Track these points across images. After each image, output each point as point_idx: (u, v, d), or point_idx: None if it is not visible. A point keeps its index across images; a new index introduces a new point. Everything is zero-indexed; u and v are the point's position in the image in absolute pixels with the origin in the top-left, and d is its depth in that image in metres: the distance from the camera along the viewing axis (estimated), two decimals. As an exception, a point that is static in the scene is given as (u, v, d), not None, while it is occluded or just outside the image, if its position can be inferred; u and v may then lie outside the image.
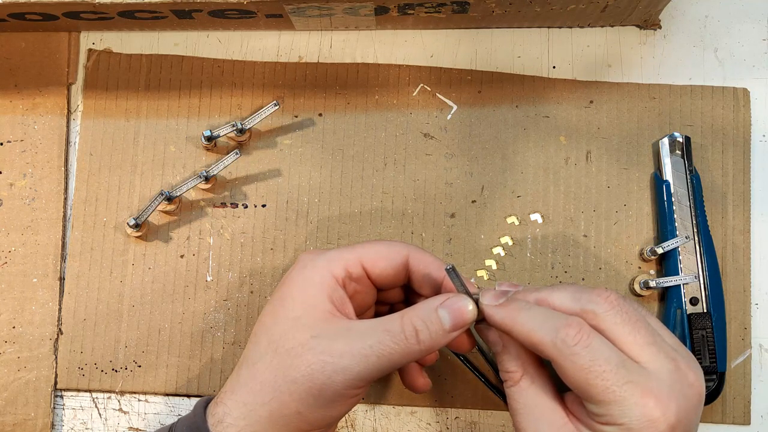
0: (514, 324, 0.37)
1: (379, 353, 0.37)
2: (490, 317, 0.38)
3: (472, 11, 0.49)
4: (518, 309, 0.37)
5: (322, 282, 0.40)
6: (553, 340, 0.35)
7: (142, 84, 0.52)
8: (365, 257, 0.41)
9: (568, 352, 0.35)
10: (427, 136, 0.52)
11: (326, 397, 0.37)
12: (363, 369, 0.37)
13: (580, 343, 0.35)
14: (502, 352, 0.39)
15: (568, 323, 0.35)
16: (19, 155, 0.51)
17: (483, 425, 0.49)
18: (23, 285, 0.50)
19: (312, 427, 0.39)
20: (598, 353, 0.35)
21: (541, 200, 0.51)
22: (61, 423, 0.50)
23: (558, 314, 0.37)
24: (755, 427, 0.49)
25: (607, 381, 0.34)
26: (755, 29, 0.53)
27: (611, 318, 0.36)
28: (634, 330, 0.36)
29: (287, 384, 0.38)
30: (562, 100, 0.52)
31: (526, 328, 0.37)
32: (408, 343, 0.37)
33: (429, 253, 0.42)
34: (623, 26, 0.53)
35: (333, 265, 0.40)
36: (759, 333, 0.50)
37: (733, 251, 0.50)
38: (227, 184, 0.51)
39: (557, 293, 0.38)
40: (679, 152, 0.50)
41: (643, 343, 0.36)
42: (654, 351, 0.36)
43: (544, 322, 0.36)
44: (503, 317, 0.38)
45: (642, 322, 0.37)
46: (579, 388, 0.35)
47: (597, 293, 0.37)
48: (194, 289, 0.50)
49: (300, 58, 0.53)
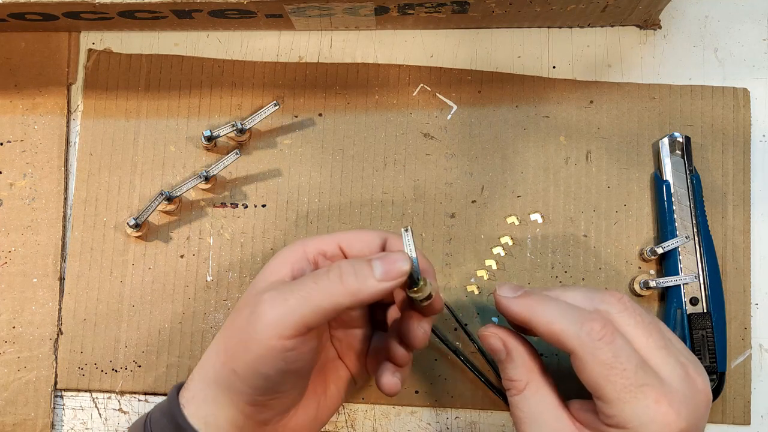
0: (534, 313, 0.37)
1: (300, 296, 0.36)
2: (507, 308, 0.38)
3: (472, 11, 0.49)
4: (538, 300, 0.37)
5: (290, 256, 0.40)
6: (577, 332, 0.35)
7: (142, 84, 0.52)
8: (342, 239, 0.41)
9: (591, 345, 0.35)
10: (427, 136, 0.52)
11: (253, 350, 0.36)
12: (283, 313, 0.35)
13: (605, 338, 0.35)
14: (506, 360, 0.39)
15: (592, 317, 0.36)
16: (19, 155, 0.51)
17: (483, 425, 0.49)
18: (23, 285, 0.50)
19: (251, 389, 0.37)
20: (621, 351, 0.35)
21: (541, 200, 0.51)
22: (61, 423, 0.50)
23: (580, 308, 0.37)
24: (755, 427, 0.49)
25: (626, 380, 0.34)
26: (755, 29, 0.53)
27: (625, 320, 0.37)
28: (646, 333, 0.36)
29: (224, 341, 0.38)
30: (562, 100, 0.52)
31: (546, 318, 0.37)
32: (330, 282, 0.36)
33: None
34: (623, 26, 0.53)
35: (307, 243, 0.41)
36: (759, 333, 0.50)
37: (733, 251, 0.50)
38: (227, 184, 0.51)
39: (570, 292, 0.38)
40: (679, 152, 0.50)
41: (655, 347, 0.36)
42: (665, 355, 0.36)
43: (567, 313, 0.36)
44: (522, 307, 0.38)
45: (654, 326, 0.37)
46: (595, 385, 0.35)
47: (610, 294, 0.37)
48: (194, 289, 0.50)
49: (300, 58, 0.53)
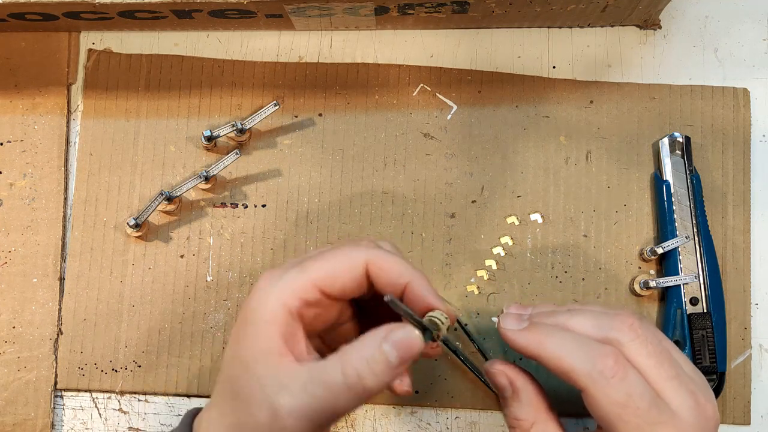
0: (543, 349, 0.35)
1: (322, 409, 0.33)
2: (514, 341, 0.37)
3: (472, 11, 0.49)
4: (545, 333, 0.36)
5: (273, 319, 0.36)
6: (589, 370, 0.34)
7: (142, 84, 0.52)
8: (318, 279, 0.36)
9: (603, 384, 0.34)
10: (427, 136, 0.52)
11: None
12: (308, 425, 0.33)
13: (617, 375, 0.34)
14: (512, 398, 0.38)
15: (605, 353, 0.34)
16: (19, 155, 0.51)
17: (483, 425, 0.49)
18: (23, 285, 0.50)
19: None
20: (634, 388, 0.34)
21: (541, 200, 0.51)
22: (61, 423, 0.50)
23: (590, 341, 0.35)
24: (755, 427, 0.49)
25: (639, 418, 0.34)
26: (755, 29, 0.53)
27: (636, 349, 0.35)
28: (658, 363, 0.35)
29: (233, 414, 0.36)
30: (562, 100, 0.52)
31: (556, 354, 0.35)
32: (353, 393, 0.33)
33: (390, 255, 0.37)
34: (623, 26, 0.53)
35: (285, 295, 0.36)
36: (759, 333, 0.50)
37: (733, 251, 0.50)
38: (227, 184, 0.51)
39: (577, 319, 0.37)
40: (679, 152, 0.50)
41: (667, 377, 0.35)
42: (676, 386, 0.35)
43: (578, 348, 0.35)
44: (529, 341, 0.36)
45: (665, 354, 0.36)
46: (608, 423, 0.34)
47: (620, 320, 0.36)
48: (194, 289, 0.50)
49: (300, 58, 0.53)
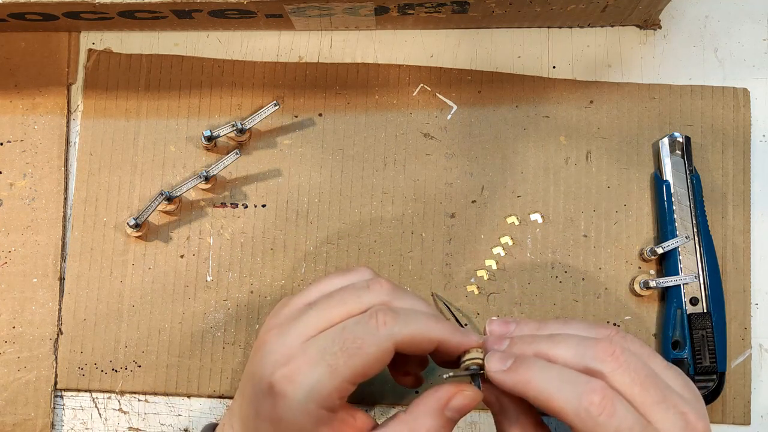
0: (529, 389, 0.35)
1: None
2: (501, 383, 0.36)
3: (472, 11, 0.49)
4: (530, 370, 0.35)
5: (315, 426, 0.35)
6: (576, 408, 0.34)
7: (142, 84, 0.52)
8: (350, 377, 0.35)
9: (592, 422, 0.33)
10: (427, 136, 0.52)
11: None
12: None
13: (605, 412, 0.33)
14: (500, 413, 0.38)
15: (591, 389, 0.34)
16: (19, 155, 0.51)
17: (483, 425, 0.49)
18: (23, 285, 0.50)
19: None
20: (623, 422, 0.33)
21: (541, 200, 0.51)
22: (61, 423, 0.50)
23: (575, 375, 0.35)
24: (755, 427, 0.49)
25: None
26: (755, 29, 0.53)
27: (619, 378, 0.35)
28: (643, 390, 0.35)
29: None
30: (562, 100, 0.52)
31: (544, 395, 0.34)
32: None
33: (413, 324, 0.36)
34: (623, 26, 0.53)
35: (322, 399, 0.34)
36: (759, 333, 0.50)
37: (733, 251, 0.50)
38: (227, 184, 0.51)
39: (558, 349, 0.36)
40: (679, 152, 0.50)
41: (652, 402, 0.35)
42: (664, 410, 0.35)
43: (563, 385, 0.34)
44: (515, 382, 0.35)
45: (650, 379, 0.35)
46: None
47: (602, 348, 0.35)
48: (194, 289, 0.50)
49: (300, 58, 0.53)
